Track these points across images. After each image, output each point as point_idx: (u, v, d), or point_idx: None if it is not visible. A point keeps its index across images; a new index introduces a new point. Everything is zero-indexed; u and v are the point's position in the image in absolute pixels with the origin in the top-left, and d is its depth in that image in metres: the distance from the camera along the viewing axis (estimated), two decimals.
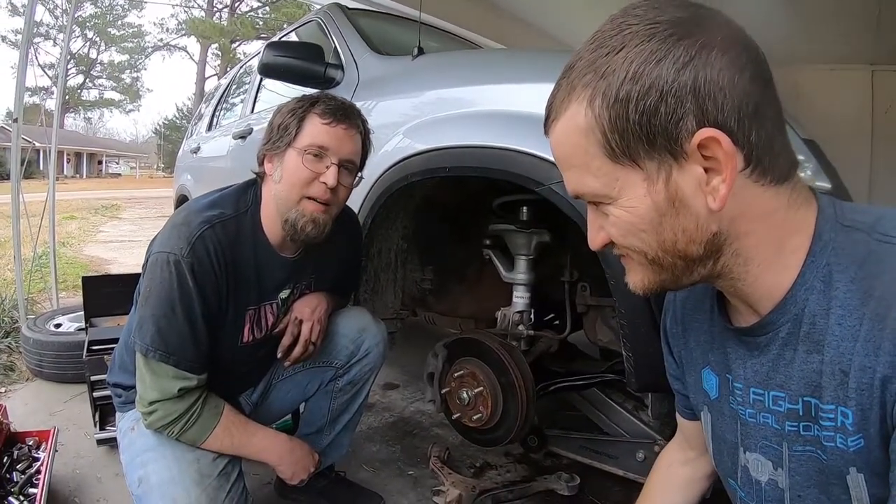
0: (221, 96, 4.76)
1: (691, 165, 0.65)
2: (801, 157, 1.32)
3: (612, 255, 1.28)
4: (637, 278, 0.76)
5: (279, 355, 1.63)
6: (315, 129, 1.44)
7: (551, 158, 1.40)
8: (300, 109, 1.45)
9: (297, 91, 2.60)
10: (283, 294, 1.59)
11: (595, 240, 0.76)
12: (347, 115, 1.48)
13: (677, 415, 1.12)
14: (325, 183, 1.43)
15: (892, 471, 0.62)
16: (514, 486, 1.97)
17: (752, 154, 0.65)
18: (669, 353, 1.04)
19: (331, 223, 1.49)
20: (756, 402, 0.79)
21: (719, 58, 0.63)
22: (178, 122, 44.69)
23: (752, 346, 0.79)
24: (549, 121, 0.73)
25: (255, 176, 1.55)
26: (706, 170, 0.65)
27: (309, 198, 1.44)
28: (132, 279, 2.97)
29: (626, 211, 0.69)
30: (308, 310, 1.63)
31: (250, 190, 1.52)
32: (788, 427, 0.75)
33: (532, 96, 1.56)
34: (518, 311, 1.85)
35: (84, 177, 38.77)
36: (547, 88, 1.53)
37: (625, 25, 0.65)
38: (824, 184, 1.32)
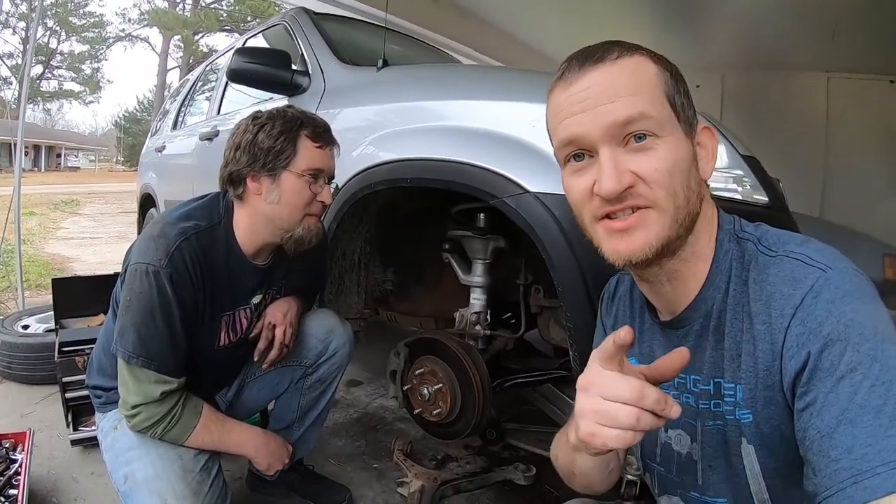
0: (187, 94, 4.74)
1: (693, 143, 0.84)
2: (740, 173, 1.44)
3: (559, 261, 1.40)
4: (650, 233, 0.80)
5: (255, 358, 1.72)
6: (311, 153, 1.53)
7: (506, 174, 1.52)
8: (289, 132, 1.51)
9: (263, 96, 2.67)
10: (256, 299, 1.67)
11: (622, 179, 0.78)
12: (332, 137, 1.60)
13: None
14: (322, 201, 1.56)
15: (801, 446, 0.73)
16: (474, 476, 2.08)
17: None
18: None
19: None
20: (679, 384, 0.92)
21: None
22: (138, 114, 43.60)
23: (673, 337, 0.92)
24: (602, 58, 0.81)
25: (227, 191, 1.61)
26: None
27: (310, 215, 1.56)
28: (101, 280, 3.04)
29: (674, 148, 0.80)
30: (280, 314, 1.71)
31: (220, 202, 1.59)
32: (702, 405, 0.89)
33: (489, 113, 1.66)
34: (475, 312, 1.94)
35: (42, 170, 37.65)
36: (507, 106, 1.64)
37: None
38: (761, 197, 1.43)
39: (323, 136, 1.56)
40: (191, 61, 33.78)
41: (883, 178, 5.38)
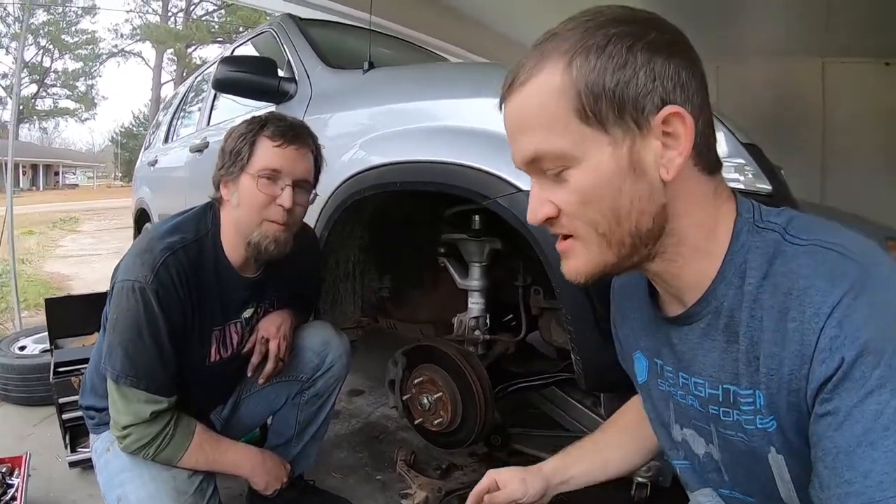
0: (178, 106, 4.71)
1: (651, 138, 0.71)
2: (741, 161, 1.38)
3: (557, 263, 1.35)
4: (579, 262, 0.78)
5: (249, 374, 1.68)
6: (267, 153, 1.46)
7: (497, 173, 1.48)
8: (250, 133, 1.47)
9: (252, 105, 2.64)
10: (247, 313, 1.63)
11: (538, 212, 0.77)
12: (298, 136, 1.51)
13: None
14: (281, 205, 1.46)
15: (814, 451, 0.68)
16: None
17: (696, 140, 0.72)
18: (616, 337, 1.10)
19: (291, 240, 1.54)
20: (684, 384, 0.87)
21: (679, 53, 0.72)
22: (134, 129, 43.81)
23: (676, 334, 0.86)
24: (513, 85, 0.75)
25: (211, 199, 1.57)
26: (663, 144, 0.71)
27: (269, 220, 1.47)
28: (95, 299, 2.99)
29: (590, 173, 0.72)
30: (273, 328, 1.67)
31: (209, 213, 1.55)
32: (711, 410, 0.82)
33: (478, 111, 1.61)
34: (474, 317, 1.90)
35: (41, 189, 37.86)
36: (493, 103, 1.59)
37: (603, 9, 0.73)
38: (764, 186, 1.38)
39: (283, 134, 1.47)
40: (184, 74, 33.85)
41: (882, 161, 5.34)
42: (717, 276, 0.77)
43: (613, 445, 1.18)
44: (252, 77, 2.37)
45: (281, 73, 2.47)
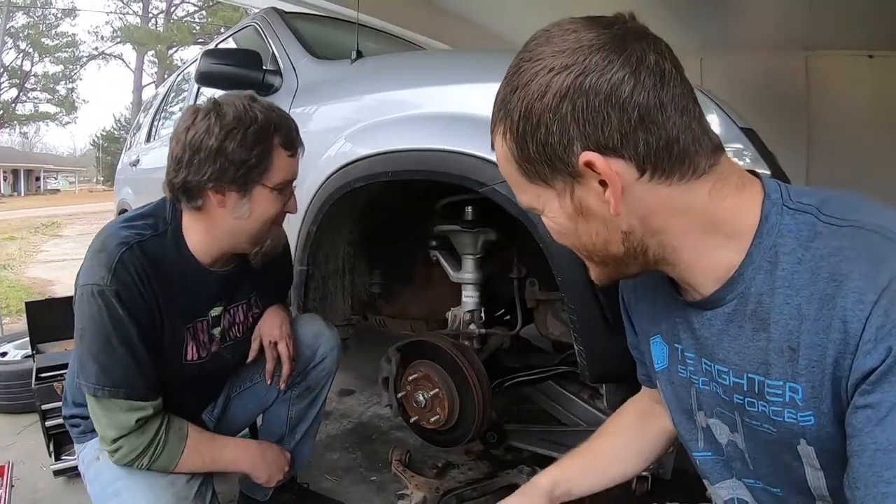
0: (159, 105, 4.63)
1: (588, 181, 0.71)
2: (739, 146, 1.36)
3: (558, 252, 1.32)
4: (592, 273, 0.86)
5: (269, 383, 1.66)
6: (284, 164, 1.38)
7: (492, 158, 1.43)
8: (264, 142, 1.34)
9: None
10: (215, 311, 1.54)
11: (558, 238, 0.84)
12: (298, 138, 1.44)
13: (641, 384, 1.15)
14: (289, 212, 1.47)
15: (850, 442, 0.65)
16: (478, 483, 1.98)
17: (645, 161, 0.69)
18: (628, 320, 1.06)
19: None
20: (707, 371, 0.83)
21: (595, 81, 0.67)
22: (116, 132, 43.65)
23: (697, 318, 0.81)
24: (491, 146, 0.81)
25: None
26: (601, 182, 0.71)
27: (275, 225, 1.46)
28: None
29: (551, 220, 0.79)
30: (276, 329, 1.62)
31: (167, 208, 1.45)
32: (736, 399, 0.78)
33: (471, 97, 1.57)
34: (468, 311, 1.86)
35: (22, 194, 37.59)
36: (485, 88, 1.57)
37: (522, 63, 0.73)
38: (763, 171, 1.34)
39: (294, 141, 1.41)
40: (165, 76, 33.78)
41: (867, 154, 5.37)
42: (745, 260, 0.73)
43: (611, 450, 1.15)
44: (236, 70, 2.32)
45: (266, 66, 2.41)
